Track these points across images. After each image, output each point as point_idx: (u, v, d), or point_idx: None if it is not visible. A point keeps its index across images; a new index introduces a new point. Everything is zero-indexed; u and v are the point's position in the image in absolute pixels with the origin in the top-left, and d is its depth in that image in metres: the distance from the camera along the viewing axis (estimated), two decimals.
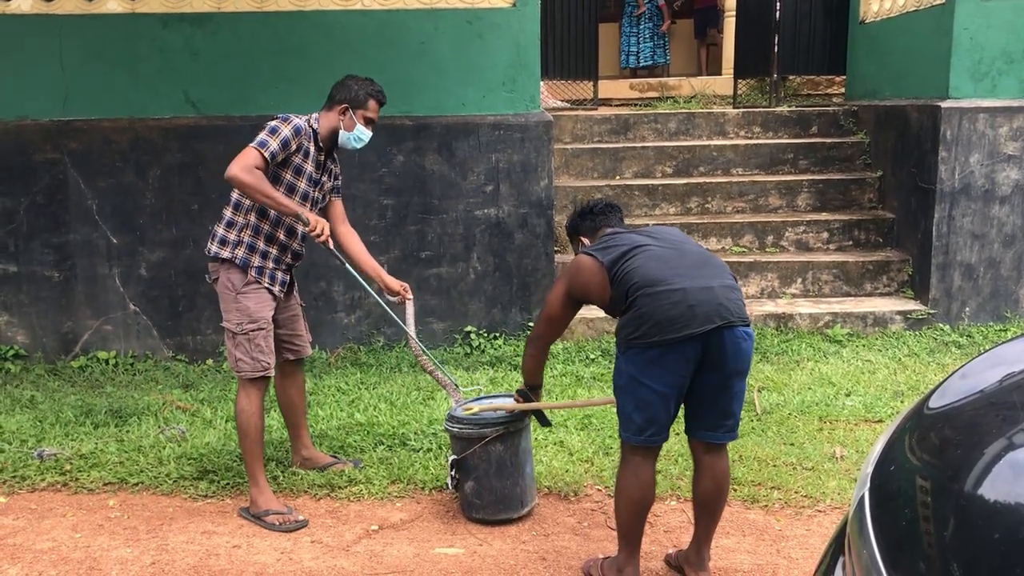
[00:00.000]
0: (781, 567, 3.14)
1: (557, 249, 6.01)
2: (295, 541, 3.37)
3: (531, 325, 5.72)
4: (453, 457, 3.47)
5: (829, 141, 7.14)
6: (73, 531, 3.47)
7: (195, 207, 5.49)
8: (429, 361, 3.76)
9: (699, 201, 6.75)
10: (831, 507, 3.55)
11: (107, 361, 5.48)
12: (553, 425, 3.83)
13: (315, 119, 3.56)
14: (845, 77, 7.87)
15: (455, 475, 3.47)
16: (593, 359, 5.39)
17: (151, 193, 5.48)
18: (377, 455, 4.03)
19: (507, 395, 3.66)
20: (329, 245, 3.51)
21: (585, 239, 3.13)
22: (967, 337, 5.73)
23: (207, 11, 5.41)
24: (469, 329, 5.73)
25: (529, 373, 3.27)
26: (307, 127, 3.50)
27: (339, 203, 3.81)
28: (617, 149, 7.04)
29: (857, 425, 4.37)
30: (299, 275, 4.04)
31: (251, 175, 3.30)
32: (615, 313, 2.90)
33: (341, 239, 3.76)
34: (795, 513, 3.52)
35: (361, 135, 3.59)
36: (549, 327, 3.10)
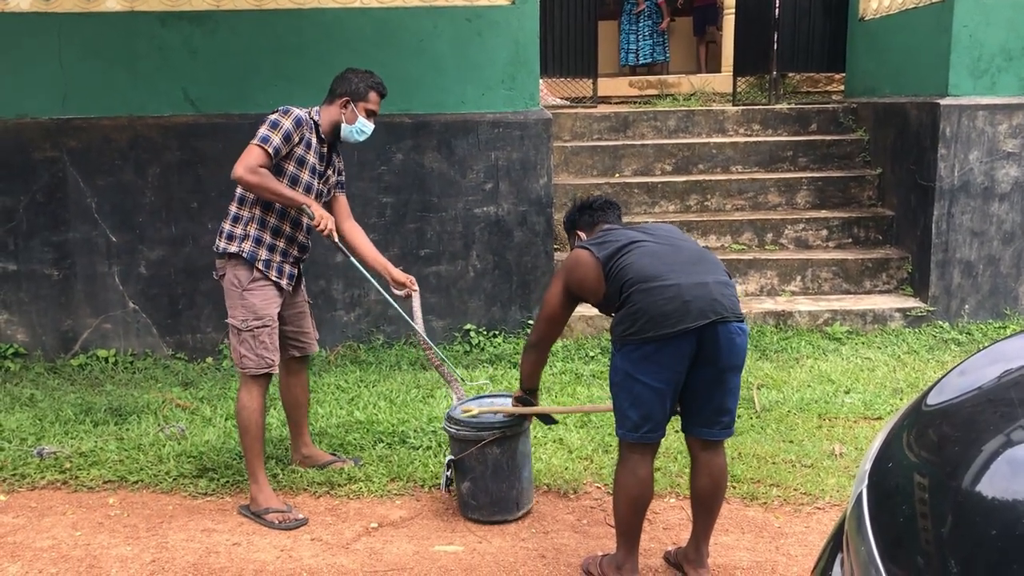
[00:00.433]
0: (780, 564, 3.14)
1: (557, 247, 6.01)
2: (295, 539, 3.37)
3: (531, 323, 5.73)
4: (450, 457, 3.48)
5: (828, 138, 7.14)
6: (73, 529, 3.47)
7: (194, 205, 5.49)
8: (436, 355, 3.76)
9: (698, 199, 6.75)
10: (830, 504, 3.56)
11: (107, 359, 5.49)
12: (556, 422, 3.82)
13: (316, 112, 3.57)
14: (844, 74, 7.87)
15: (449, 475, 3.47)
16: (592, 356, 5.39)
17: (150, 191, 5.48)
18: (377, 453, 4.03)
19: (507, 394, 3.65)
20: (334, 239, 3.51)
21: (582, 233, 3.15)
22: (966, 334, 5.73)
23: (206, 9, 5.41)
24: (469, 327, 5.73)
25: (528, 377, 3.26)
26: (308, 119, 3.51)
27: (343, 198, 3.81)
28: (616, 147, 7.04)
29: (856, 422, 4.37)
30: None
31: (256, 175, 3.32)
32: (609, 310, 2.90)
33: (347, 234, 3.75)
34: (794, 510, 3.53)
35: (363, 127, 3.59)
36: (549, 327, 3.09)
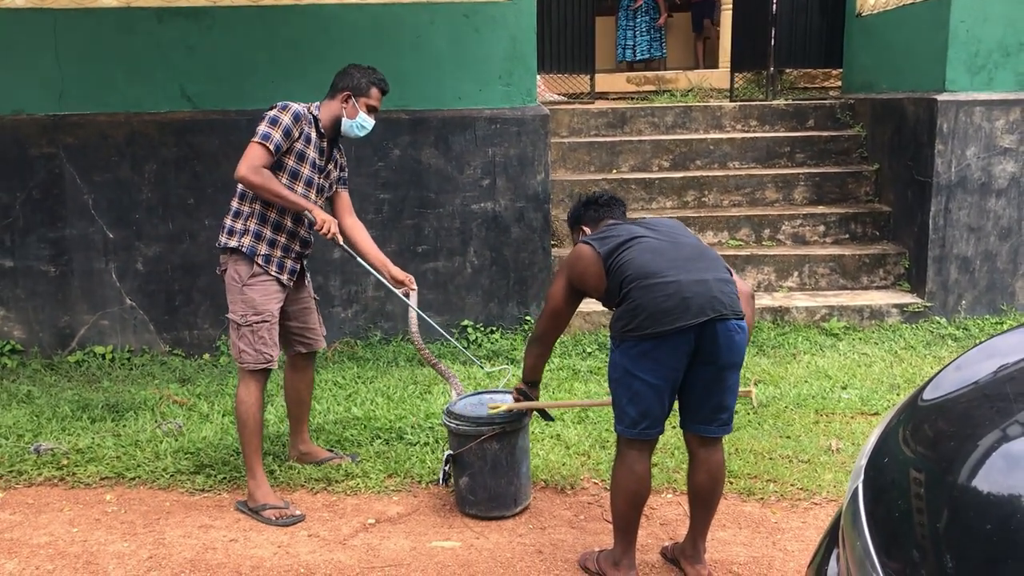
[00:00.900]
0: (777, 559, 3.15)
1: (554, 243, 6.01)
2: (292, 535, 3.37)
3: (528, 319, 5.73)
4: (449, 452, 3.48)
5: (826, 134, 7.14)
6: (70, 525, 3.47)
7: (191, 201, 5.49)
8: (431, 353, 3.77)
9: (696, 195, 6.75)
10: (827, 500, 3.56)
11: (104, 356, 5.49)
12: (554, 419, 3.82)
13: (316, 107, 3.57)
14: (842, 70, 7.86)
15: (447, 470, 3.47)
16: (590, 353, 5.40)
17: (147, 188, 5.47)
18: (374, 449, 4.04)
19: (508, 391, 3.66)
20: (338, 241, 3.51)
21: (587, 228, 3.14)
22: (963, 330, 5.74)
23: (202, 5, 5.39)
24: (466, 323, 5.73)
25: (531, 370, 3.25)
26: (307, 113, 3.51)
27: (345, 194, 3.81)
28: (614, 143, 7.04)
29: (853, 418, 4.38)
30: None
31: (259, 176, 3.34)
32: (610, 304, 2.91)
33: (348, 231, 3.75)
34: (791, 506, 3.53)
35: (364, 123, 3.58)
36: (552, 321, 3.09)
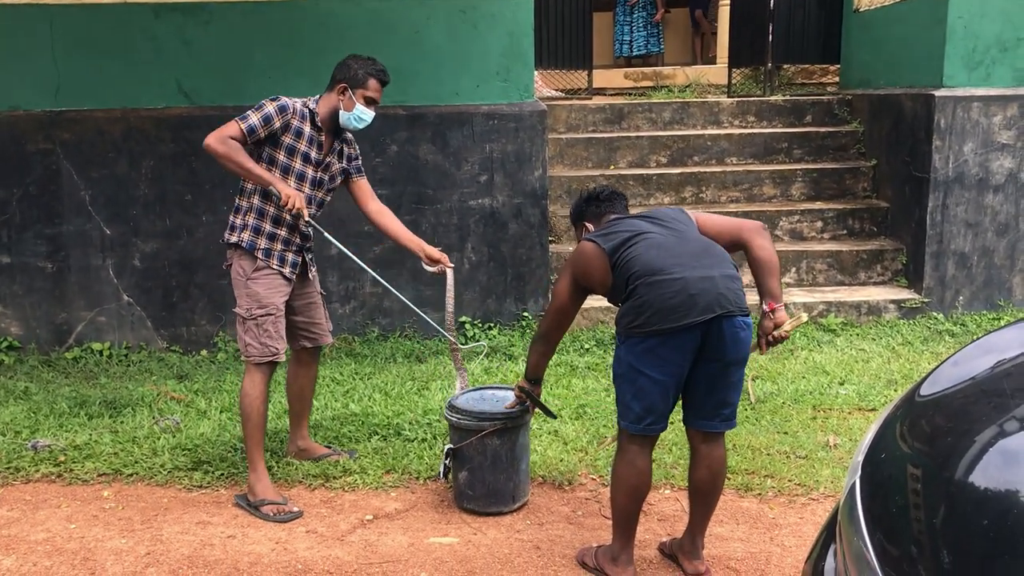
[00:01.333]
0: (774, 555, 3.15)
1: (552, 239, 6.01)
2: (290, 531, 3.37)
3: (526, 315, 5.73)
4: (449, 446, 3.48)
5: (823, 130, 7.14)
6: (68, 522, 3.47)
7: (188, 198, 5.48)
8: (456, 341, 3.81)
9: (693, 191, 6.75)
10: (824, 495, 3.57)
11: (101, 352, 5.48)
12: (556, 417, 3.82)
13: (314, 101, 3.56)
14: (839, 66, 7.86)
15: (448, 464, 3.47)
16: (588, 348, 5.40)
17: (144, 184, 5.46)
18: (372, 445, 4.04)
19: (509, 387, 3.66)
20: (304, 216, 3.47)
21: (590, 225, 3.12)
22: (960, 326, 5.74)
23: (199, 0, 5.38)
24: (464, 319, 5.72)
25: (534, 367, 3.24)
26: (299, 107, 3.49)
27: (363, 182, 3.79)
28: (611, 139, 7.03)
29: (851, 414, 4.38)
30: None
31: (223, 145, 3.34)
32: (616, 301, 2.90)
33: (374, 216, 3.76)
34: (788, 501, 3.54)
35: (361, 115, 3.55)
36: (558, 319, 3.08)
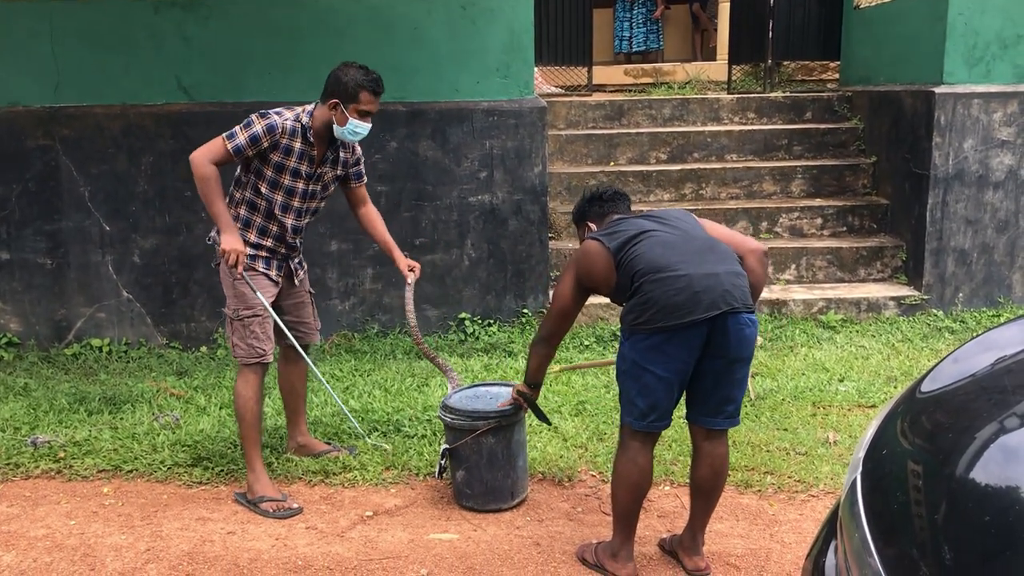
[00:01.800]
0: (774, 551, 3.15)
1: (551, 236, 6.00)
2: (290, 527, 3.37)
3: (525, 312, 5.73)
4: (445, 446, 3.48)
5: (823, 127, 7.13)
6: (67, 518, 3.47)
7: (188, 194, 5.45)
8: (427, 345, 3.79)
9: (693, 187, 6.74)
10: (824, 492, 3.57)
11: (101, 348, 5.48)
12: (551, 424, 3.83)
13: (308, 111, 3.47)
14: (839, 63, 7.85)
15: (444, 463, 3.48)
16: (587, 346, 5.39)
17: (144, 180, 5.46)
18: (372, 441, 4.03)
19: (505, 383, 3.67)
20: (238, 272, 3.41)
21: (593, 224, 3.11)
22: (960, 322, 5.74)
23: None
24: (463, 316, 5.72)
25: (535, 372, 3.22)
26: (291, 124, 3.40)
27: (361, 189, 3.80)
28: (611, 135, 7.03)
29: (850, 410, 4.38)
30: None
31: (204, 169, 3.32)
32: (620, 300, 2.89)
33: (362, 220, 3.82)
34: (788, 498, 3.54)
35: (355, 128, 3.45)
36: (560, 321, 3.06)
